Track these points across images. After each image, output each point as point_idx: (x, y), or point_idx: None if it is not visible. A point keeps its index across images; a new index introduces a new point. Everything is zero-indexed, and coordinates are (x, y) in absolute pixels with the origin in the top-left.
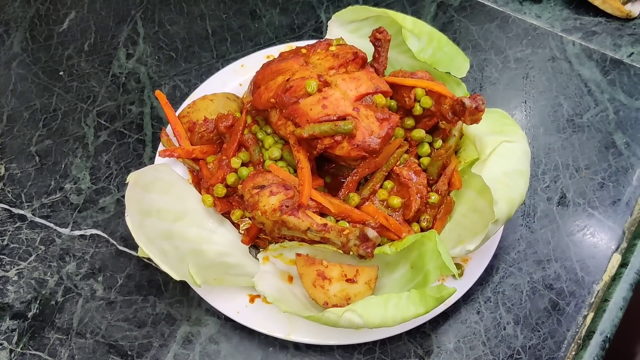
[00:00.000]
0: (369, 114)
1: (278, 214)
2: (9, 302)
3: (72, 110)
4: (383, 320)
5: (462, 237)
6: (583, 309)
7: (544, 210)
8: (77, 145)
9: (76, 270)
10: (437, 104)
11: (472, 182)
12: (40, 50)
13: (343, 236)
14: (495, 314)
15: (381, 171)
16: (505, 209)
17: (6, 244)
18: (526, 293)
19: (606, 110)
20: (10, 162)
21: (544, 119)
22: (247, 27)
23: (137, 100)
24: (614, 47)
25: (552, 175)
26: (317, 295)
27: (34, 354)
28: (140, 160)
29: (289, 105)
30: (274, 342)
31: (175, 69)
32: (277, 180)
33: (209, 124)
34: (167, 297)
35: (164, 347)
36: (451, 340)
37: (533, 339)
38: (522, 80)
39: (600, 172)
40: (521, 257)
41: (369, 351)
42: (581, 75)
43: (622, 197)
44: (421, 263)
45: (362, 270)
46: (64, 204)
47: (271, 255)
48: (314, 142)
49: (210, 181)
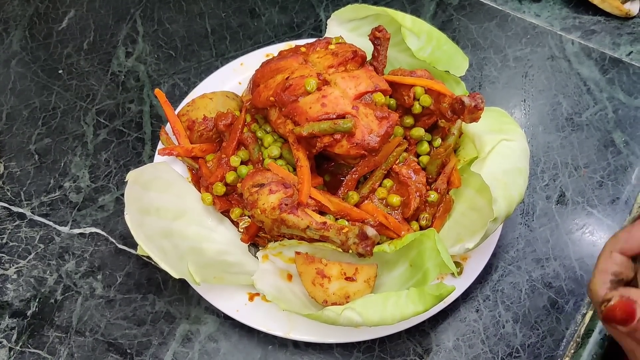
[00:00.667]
0: (368, 112)
1: (277, 212)
2: (8, 300)
3: (72, 108)
4: (382, 319)
5: (461, 236)
6: (582, 307)
7: (543, 208)
8: (76, 143)
9: (75, 268)
10: (437, 103)
11: (471, 181)
12: (40, 48)
13: (342, 234)
14: (494, 312)
15: (380, 169)
16: (504, 208)
17: (5, 242)
18: (525, 291)
19: (605, 108)
20: (9, 161)
21: (543, 118)
22: (246, 26)
23: (136, 98)
24: (613, 45)
25: (551, 174)
26: (316, 293)
27: (33, 352)
28: (139, 159)
29: (288, 104)
30: (273, 340)
31: (175, 67)
32: (277, 179)
33: (208, 122)
34: (166, 295)
35: (163, 345)
36: (450, 339)
37: (532, 337)
38: (521, 78)
39: (599, 170)
40: (520, 255)
41: (368, 349)
42: (580, 74)
43: (621, 195)
44: (420, 261)
45: (362, 268)
46: (63, 202)
47: (270, 253)
48: (313, 141)
49: (210, 179)
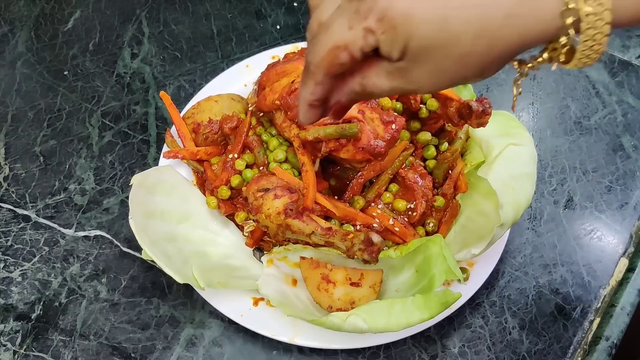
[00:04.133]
0: (374, 116)
1: (282, 217)
2: (13, 303)
3: (77, 110)
4: (387, 325)
5: (468, 241)
6: (589, 314)
7: (551, 213)
8: (81, 145)
9: (80, 271)
10: (444, 107)
11: (478, 186)
12: (45, 49)
13: (348, 240)
14: (500, 319)
15: (386, 174)
16: (512, 213)
17: (10, 245)
18: (532, 297)
19: (614, 112)
20: (14, 163)
21: (551, 121)
22: (252, 27)
23: (141, 100)
24: (622, 48)
25: (559, 178)
26: (321, 298)
27: (38, 355)
28: (144, 161)
29: (294, 107)
30: (277, 345)
31: (180, 69)
32: (282, 183)
33: (213, 125)
34: (170, 300)
35: (168, 349)
36: (456, 345)
37: (539, 344)
38: (529, 81)
39: (608, 175)
40: (527, 261)
41: (373, 355)
42: (589, 77)
43: (630, 200)
44: (426, 267)
45: (367, 273)
46: (68, 205)
47: (275, 258)
48: (319, 145)
49: (215, 183)
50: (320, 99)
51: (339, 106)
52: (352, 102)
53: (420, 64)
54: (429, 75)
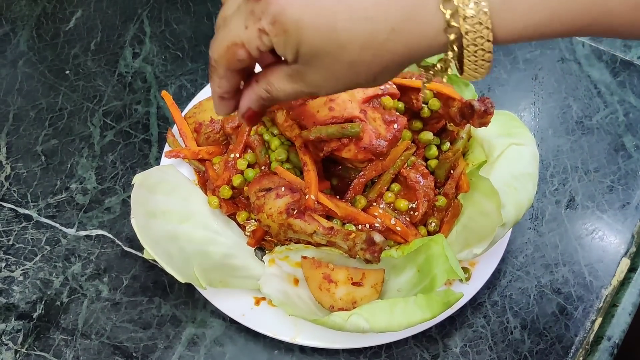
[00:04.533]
0: (376, 116)
1: (284, 216)
2: (15, 302)
3: (78, 109)
4: (389, 325)
5: (470, 241)
6: (591, 313)
7: (552, 213)
8: (83, 144)
9: (81, 270)
10: (445, 107)
11: (480, 185)
12: (47, 49)
13: (349, 240)
14: (502, 318)
15: (388, 174)
16: (513, 213)
17: (12, 244)
18: (534, 297)
19: (616, 112)
20: (16, 162)
21: (553, 121)
22: None
23: (143, 99)
24: (624, 48)
25: (561, 178)
26: (322, 298)
27: (39, 354)
28: (146, 161)
29: (295, 107)
30: (279, 345)
31: (182, 68)
32: (284, 183)
33: (215, 124)
34: (172, 299)
35: (169, 348)
36: (457, 345)
37: (540, 343)
38: (531, 81)
39: (610, 174)
40: (529, 260)
41: (375, 355)
42: (591, 77)
43: (632, 200)
44: (428, 267)
45: (369, 273)
46: (70, 204)
47: (277, 257)
48: (321, 145)
49: (216, 182)
50: (229, 91)
51: (251, 112)
52: (263, 107)
53: (315, 68)
54: (324, 78)
